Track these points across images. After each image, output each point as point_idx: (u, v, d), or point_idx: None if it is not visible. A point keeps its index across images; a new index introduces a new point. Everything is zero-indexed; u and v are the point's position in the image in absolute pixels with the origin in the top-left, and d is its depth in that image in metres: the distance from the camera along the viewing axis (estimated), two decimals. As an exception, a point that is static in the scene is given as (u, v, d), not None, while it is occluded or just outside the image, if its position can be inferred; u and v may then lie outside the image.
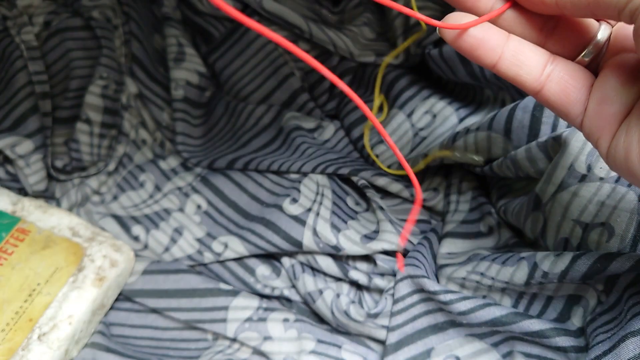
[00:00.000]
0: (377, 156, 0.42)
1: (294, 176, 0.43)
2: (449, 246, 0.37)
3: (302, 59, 0.17)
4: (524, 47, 0.22)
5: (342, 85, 0.18)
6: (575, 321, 0.30)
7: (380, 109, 0.45)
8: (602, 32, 0.22)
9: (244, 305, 0.37)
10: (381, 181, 0.40)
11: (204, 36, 0.54)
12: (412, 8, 0.43)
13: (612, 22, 0.22)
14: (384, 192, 0.42)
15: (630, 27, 0.20)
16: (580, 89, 0.22)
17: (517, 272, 0.30)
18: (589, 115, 0.22)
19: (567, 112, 0.22)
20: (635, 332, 0.24)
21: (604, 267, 0.27)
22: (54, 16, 0.50)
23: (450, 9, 0.42)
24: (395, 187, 0.40)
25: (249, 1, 0.49)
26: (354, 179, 0.42)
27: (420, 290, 0.34)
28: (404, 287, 0.34)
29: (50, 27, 0.49)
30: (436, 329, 0.33)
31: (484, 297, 0.34)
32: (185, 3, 0.52)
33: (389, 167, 0.41)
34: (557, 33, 0.23)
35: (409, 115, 0.42)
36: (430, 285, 0.33)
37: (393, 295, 0.35)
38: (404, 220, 0.40)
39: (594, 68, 0.23)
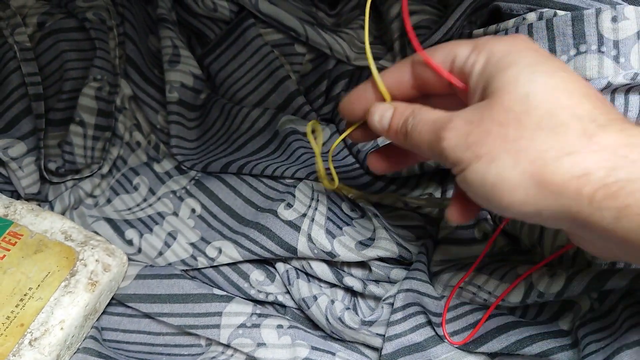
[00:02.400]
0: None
1: (289, 181, 0.43)
2: (443, 253, 0.37)
3: None
4: None
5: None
6: (562, 324, 0.30)
7: None
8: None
9: (237, 311, 0.37)
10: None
11: (199, 38, 0.53)
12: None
13: None
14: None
15: None
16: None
17: (513, 291, 0.30)
18: None
19: None
20: (630, 345, 0.24)
21: (600, 287, 0.27)
22: (47, 17, 0.49)
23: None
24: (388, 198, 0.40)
25: (244, 3, 0.48)
26: (349, 184, 0.41)
27: (420, 303, 0.34)
28: (405, 298, 0.34)
29: (44, 28, 0.49)
30: (434, 341, 0.33)
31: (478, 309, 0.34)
32: (180, 4, 0.52)
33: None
34: None
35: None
36: (432, 306, 0.33)
37: (392, 304, 0.35)
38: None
39: None
